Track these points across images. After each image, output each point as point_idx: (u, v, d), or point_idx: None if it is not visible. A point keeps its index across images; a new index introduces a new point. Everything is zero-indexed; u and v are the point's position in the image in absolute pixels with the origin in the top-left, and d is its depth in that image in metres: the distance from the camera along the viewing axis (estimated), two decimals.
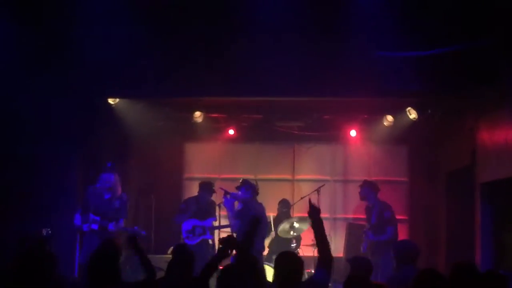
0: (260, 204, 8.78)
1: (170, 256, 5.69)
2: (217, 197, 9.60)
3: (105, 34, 7.97)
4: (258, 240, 8.24)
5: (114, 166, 8.38)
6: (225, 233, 9.87)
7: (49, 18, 7.98)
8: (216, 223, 9.53)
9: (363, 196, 9.36)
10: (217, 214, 9.40)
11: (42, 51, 8.08)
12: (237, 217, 8.70)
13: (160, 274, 5.52)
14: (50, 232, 7.74)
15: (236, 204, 8.88)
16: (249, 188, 8.74)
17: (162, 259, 7.88)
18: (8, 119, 8.31)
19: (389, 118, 10.63)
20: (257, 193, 8.82)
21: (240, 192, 8.76)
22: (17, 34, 7.94)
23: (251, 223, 5.56)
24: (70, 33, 8.05)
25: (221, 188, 9.11)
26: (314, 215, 5.14)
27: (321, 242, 5.06)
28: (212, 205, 9.60)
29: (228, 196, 8.81)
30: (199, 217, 9.52)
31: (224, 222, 9.36)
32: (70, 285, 4.40)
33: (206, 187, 9.67)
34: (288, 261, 4.89)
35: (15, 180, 8.42)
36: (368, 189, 9.31)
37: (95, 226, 8.16)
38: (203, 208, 9.59)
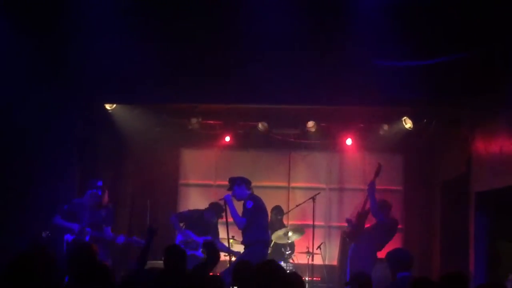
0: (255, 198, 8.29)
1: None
2: None
3: (103, 40, 7.99)
4: (257, 230, 8.08)
5: (103, 185, 8.35)
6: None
7: (47, 27, 8.00)
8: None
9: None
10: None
11: (39, 58, 8.11)
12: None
13: None
14: (49, 234, 7.76)
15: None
16: (240, 183, 8.24)
17: (156, 265, 7.86)
18: (6, 128, 8.34)
19: (385, 127, 10.67)
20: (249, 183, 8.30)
21: (234, 192, 8.24)
22: (15, 43, 7.98)
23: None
24: (67, 40, 8.08)
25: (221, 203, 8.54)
26: None
27: None
28: (214, 226, 9.42)
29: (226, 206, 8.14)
30: (197, 233, 9.44)
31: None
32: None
33: (215, 209, 9.27)
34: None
35: (15, 185, 8.45)
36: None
37: (86, 238, 8.06)
38: (204, 224, 9.50)
